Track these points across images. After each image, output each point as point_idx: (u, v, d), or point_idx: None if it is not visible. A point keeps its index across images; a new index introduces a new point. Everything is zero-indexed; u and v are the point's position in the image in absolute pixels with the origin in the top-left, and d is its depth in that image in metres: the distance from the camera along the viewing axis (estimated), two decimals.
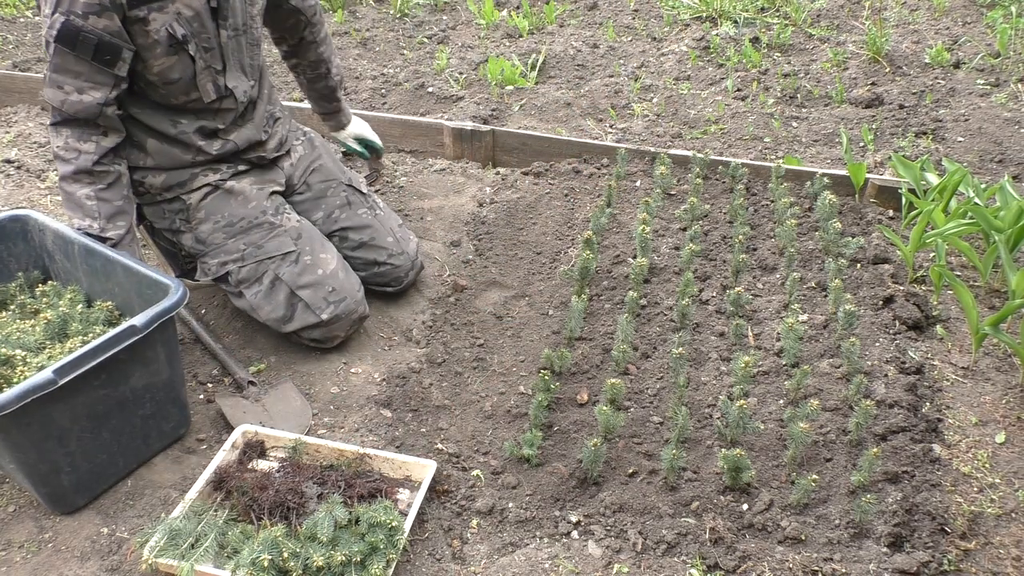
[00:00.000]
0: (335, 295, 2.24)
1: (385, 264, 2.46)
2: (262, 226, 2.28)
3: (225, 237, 2.27)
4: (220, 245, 2.27)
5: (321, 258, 2.28)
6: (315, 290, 2.23)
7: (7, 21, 4.75)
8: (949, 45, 4.13)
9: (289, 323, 2.24)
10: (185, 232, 2.30)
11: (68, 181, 2.06)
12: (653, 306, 2.49)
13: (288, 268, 2.24)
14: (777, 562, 1.69)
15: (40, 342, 1.91)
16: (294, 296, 2.22)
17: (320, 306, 2.22)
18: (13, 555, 1.75)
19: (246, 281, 2.24)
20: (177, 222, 2.30)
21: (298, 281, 2.23)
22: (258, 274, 2.24)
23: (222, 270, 2.26)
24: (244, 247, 2.25)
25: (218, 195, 2.29)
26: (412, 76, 4.10)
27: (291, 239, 2.28)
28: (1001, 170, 3.16)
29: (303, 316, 2.23)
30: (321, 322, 2.22)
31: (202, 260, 2.30)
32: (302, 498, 1.77)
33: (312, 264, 2.26)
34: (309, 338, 2.28)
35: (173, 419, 2.00)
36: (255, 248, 2.25)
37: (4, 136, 3.50)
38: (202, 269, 2.31)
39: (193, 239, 2.29)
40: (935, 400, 2.12)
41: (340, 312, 2.23)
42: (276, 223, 2.30)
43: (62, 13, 1.89)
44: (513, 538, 1.80)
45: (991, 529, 1.80)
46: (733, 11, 4.57)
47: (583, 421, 2.08)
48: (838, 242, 2.60)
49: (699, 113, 3.67)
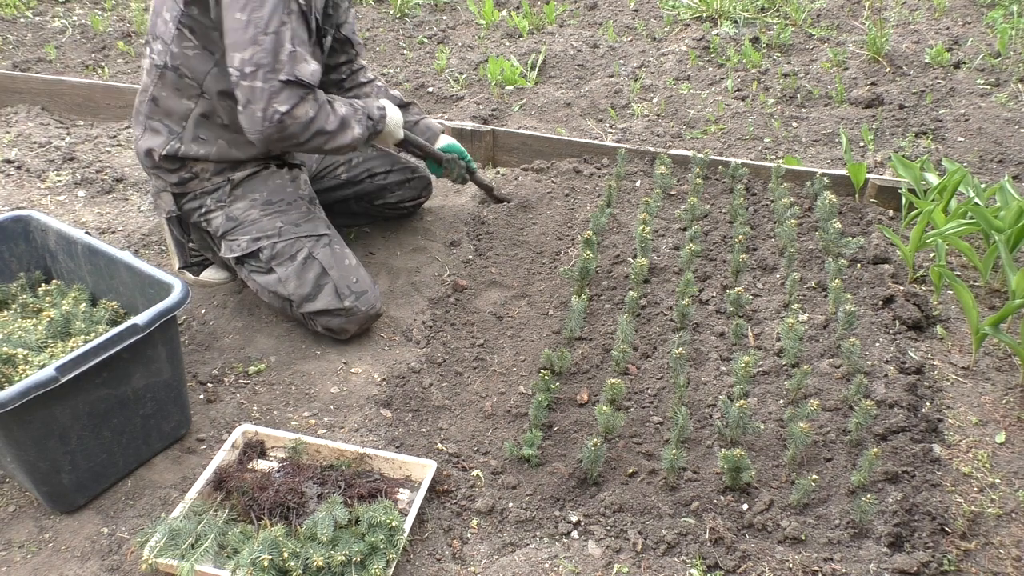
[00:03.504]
0: (359, 286, 2.32)
1: (414, 177, 2.82)
2: (299, 208, 2.38)
3: (261, 214, 2.33)
4: (255, 222, 2.33)
5: (347, 252, 2.39)
6: (343, 277, 2.31)
7: (7, 21, 4.75)
8: (949, 45, 4.13)
9: (312, 302, 2.28)
10: (216, 211, 2.35)
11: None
12: (653, 306, 2.49)
13: (323, 249, 2.32)
14: (777, 562, 1.69)
15: (42, 341, 1.91)
16: (324, 276, 2.29)
17: (345, 292, 2.29)
18: (13, 555, 1.75)
19: (279, 256, 2.30)
20: (209, 202, 2.35)
21: (330, 263, 2.31)
22: (293, 251, 2.30)
23: (254, 246, 2.31)
24: (281, 224, 2.32)
25: (261, 175, 2.37)
26: (412, 76, 4.10)
27: (324, 225, 2.39)
28: (1001, 170, 3.16)
29: (327, 298, 2.28)
30: (342, 308, 2.28)
31: (230, 237, 2.34)
32: (302, 498, 1.77)
33: (340, 254, 2.35)
34: (324, 325, 2.31)
35: (174, 419, 2.00)
36: (292, 227, 2.33)
37: (4, 136, 3.51)
38: (228, 246, 2.34)
39: (225, 217, 2.34)
40: (935, 400, 2.12)
41: (360, 304, 2.30)
42: (312, 209, 2.42)
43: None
44: (513, 538, 1.80)
45: (991, 529, 1.80)
46: (733, 11, 4.57)
47: (583, 421, 2.08)
48: (838, 242, 2.60)
49: (699, 113, 3.68)
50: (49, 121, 3.68)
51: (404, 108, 2.76)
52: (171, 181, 2.34)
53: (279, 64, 2.04)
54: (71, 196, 3.12)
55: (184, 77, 2.21)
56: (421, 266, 2.71)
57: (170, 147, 2.27)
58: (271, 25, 2.02)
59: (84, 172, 3.24)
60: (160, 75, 2.22)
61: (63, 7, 5.02)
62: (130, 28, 4.66)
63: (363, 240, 2.84)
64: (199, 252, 2.57)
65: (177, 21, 2.14)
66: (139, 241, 2.83)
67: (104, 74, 4.14)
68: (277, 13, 2.02)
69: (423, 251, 2.79)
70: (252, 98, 2.05)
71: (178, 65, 2.19)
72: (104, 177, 3.23)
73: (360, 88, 2.70)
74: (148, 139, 2.30)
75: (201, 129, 2.27)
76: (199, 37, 2.16)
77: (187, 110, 2.25)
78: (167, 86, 2.23)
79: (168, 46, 2.18)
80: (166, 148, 2.27)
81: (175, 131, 2.27)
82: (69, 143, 3.48)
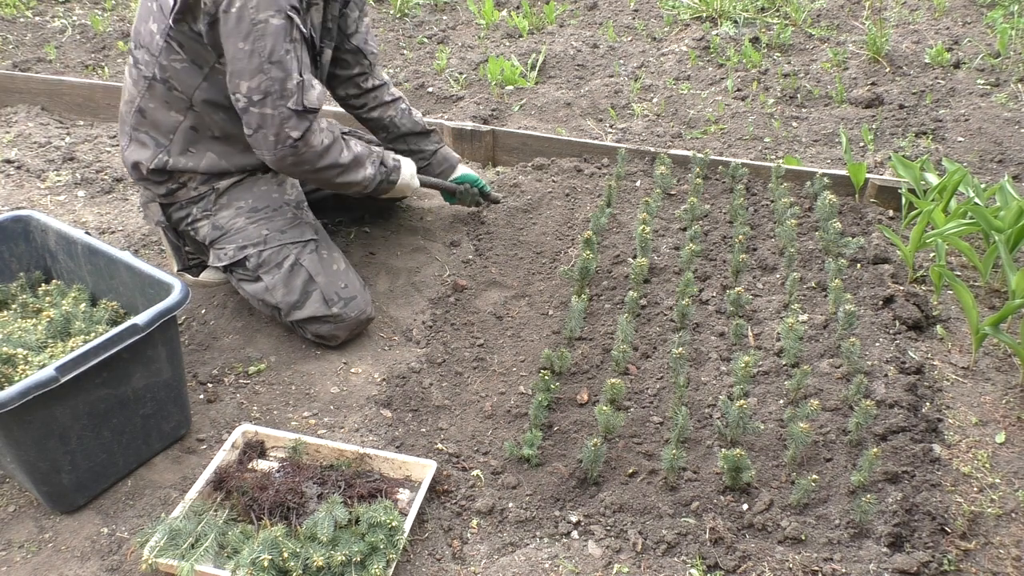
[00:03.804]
0: (347, 292, 2.29)
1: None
2: (284, 215, 2.36)
3: (247, 222, 2.31)
4: (240, 230, 2.31)
5: (335, 256, 2.36)
6: (330, 283, 2.28)
7: (7, 21, 4.75)
8: (949, 45, 4.13)
9: (300, 310, 2.27)
10: (202, 220, 2.34)
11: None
12: (653, 306, 2.49)
13: (309, 256, 2.30)
14: (777, 562, 1.69)
15: (42, 341, 1.91)
16: (311, 283, 2.27)
17: (332, 299, 2.26)
18: (13, 555, 1.75)
19: (265, 265, 2.28)
20: (195, 211, 2.33)
21: (317, 269, 2.29)
22: (279, 258, 2.28)
23: (240, 254, 2.29)
24: (267, 232, 2.30)
25: (245, 183, 2.36)
26: (412, 76, 4.10)
27: (312, 230, 2.36)
28: (1001, 170, 3.16)
29: (315, 305, 2.26)
30: (330, 315, 2.26)
31: (217, 246, 2.33)
32: (302, 498, 1.77)
33: (328, 259, 2.33)
34: (313, 332, 2.30)
35: (174, 419, 2.00)
36: (278, 233, 2.31)
37: (4, 136, 3.51)
38: (216, 255, 2.33)
39: (211, 226, 2.33)
40: (935, 400, 2.12)
41: (349, 310, 2.28)
42: (298, 214, 2.38)
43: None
44: (513, 538, 1.80)
45: (991, 529, 1.80)
46: (733, 11, 4.57)
47: (583, 421, 2.08)
48: (838, 242, 2.60)
49: (699, 113, 3.68)
50: (49, 121, 3.68)
51: (425, 136, 2.77)
52: (159, 192, 2.32)
53: (287, 92, 2.05)
54: (71, 196, 3.12)
55: (173, 90, 2.19)
56: (421, 266, 2.71)
57: (158, 160, 2.25)
58: (275, 54, 2.02)
59: (84, 172, 3.24)
60: (148, 87, 2.20)
61: (63, 7, 5.02)
62: (130, 28, 4.66)
63: (363, 240, 2.84)
64: (196, 256, 2.57)
65: (165, 35, 2.12)
66: (139, 241, 2.83)
67: (104, 74, 4.14)
68: (280, 41, 2.02)
69: (423, 251, 2.79)
70: (263, 124, 2.07)
71: (167, 78, 2.17)
72: (104, 177, 3.23)
73: (384, 108, 2.68)
74: (135, 151, 2.27)
75: (190, 142, 2.26)
76: (187, 52, 2.13)
77: (175, 123, 2.23)
78: (155, 98, 2.21)
79: (156, 58, 2.15)
80: (154, 162, 2.25)
81: (162, 144, 2.25)
82: (69, 143, 3.48)
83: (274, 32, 2.01)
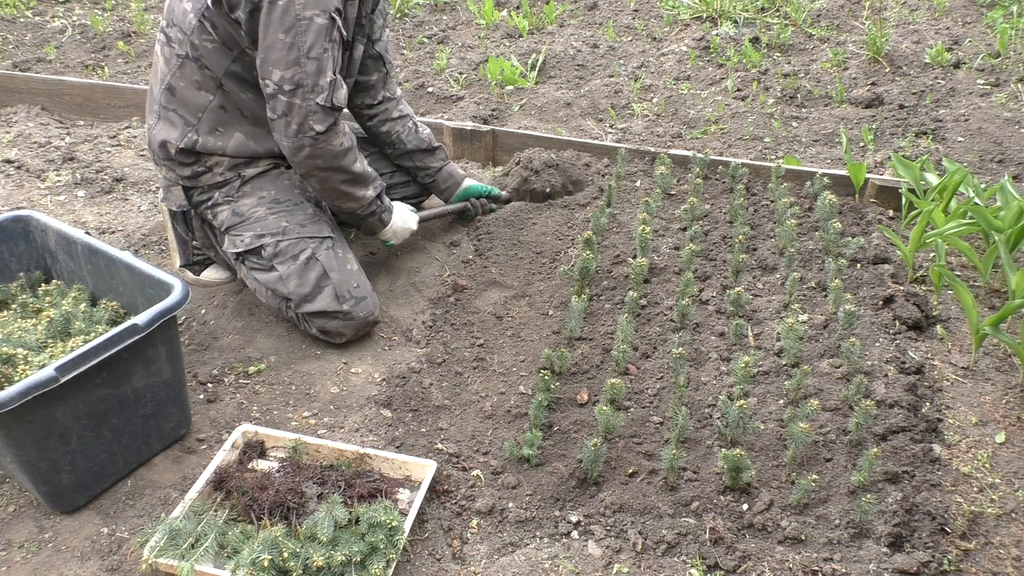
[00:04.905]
0: (359, 291, 2.32)
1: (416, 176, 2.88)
2: (305, 210, 2.38)
3: (267, 212, 2.34)
4: (260, 219, 2.33)
5: (349, 257, 2.39)
6: (344, 280, 2.30)
7: (7, 21, 4.75)
8: (949, 45, 4.13)
9: (311, 303, 2.28)
10: (223, 205, 2.35)
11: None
12: (653, 306, 2.49)
13: (325, 252, 2.32)
14: (777, 562, 1.69)
15: (42, 341, 1.91)
16: (325, 278, 2.29)
17: (344, 296, 2.29)
18: (13, 555, 1.75)
19: (282, 255, 2.30)
20: (217, 195, 2.35)
21: (332, 265, 2.31)
22: (296, 251, 2.30)
23: (257, 242, 2.31)
24: (286, 224, 2.33)
25: (270, 174, 2.38)
26: (412, 76, 4.10)
27: (329, 228, 2.39)
28: (1001, 170, 3.16)
29: (326, 300, 2.28)
30: (340, 312, 2.28)
31: (234, 232, 2.34)
32: (302, 498, 1.77)
33: (343, 258, 2.35)
34: (320, 328, 2.31)
35: (174, 419, 2.00)
36: (297, 227, 2.33)
37: (4, 136, 3.51)
38: (232, 241, 2.35)
39: (231, 211, 2.35)
40: (935, 400, 2.12)
41: (359, 309, 2.30)
42: (318, 212, 2.42)
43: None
44: (513, 538, 1.80)
45: (991, 529, 1.80)
46: (733, 11, 4.57)
47: (583, 421, 2.08)
48: (838, 242, 2.60)
49: (699, 113, 3.68)
50: (49, 121, 3.68)
51: (431, 153, 2.78)
52: (183, 175, 2.33)
53: (319, 87, 2.10)
54: (71, 196, 3.12)
55: (204, 68, 2.21)
56: (421, 266, 2.71)
57: (187, 140, 2.27)
58: (314, 51, 2.07)
59: (84, 172, 3.24)
60: (180, 65, 2.23)
61: (63, 7, 5.02)
62: (130, 28, 4.66)
63: (363, 240, 2.84)
64: (201, 251, 2.57)
65: (200, 14, 2.15)
66: (139, 241, 2.83)
67: (104, 74, 4.14)
68: (320, 40, 2.07)
69: (423, 251, 2.79)
70: (289, 112, 2.12)
71: (199, 56, 2.20)
72: (104, 177, 3.23)
73: (393, 123, 2.70)
74: (163, 130, 2.29)
75: (218, 122, 2.28)
76: (220, 33, 2.16)
77: (205, 102, 2.25)
78: (185, 76, 2.23)
79: (188, 36, 2.18)
80: (183, 141, 2.27)
81: (191, 123, 2.27)
82: (69, 143, 3.48)
83: (316, 30, 2.06)
